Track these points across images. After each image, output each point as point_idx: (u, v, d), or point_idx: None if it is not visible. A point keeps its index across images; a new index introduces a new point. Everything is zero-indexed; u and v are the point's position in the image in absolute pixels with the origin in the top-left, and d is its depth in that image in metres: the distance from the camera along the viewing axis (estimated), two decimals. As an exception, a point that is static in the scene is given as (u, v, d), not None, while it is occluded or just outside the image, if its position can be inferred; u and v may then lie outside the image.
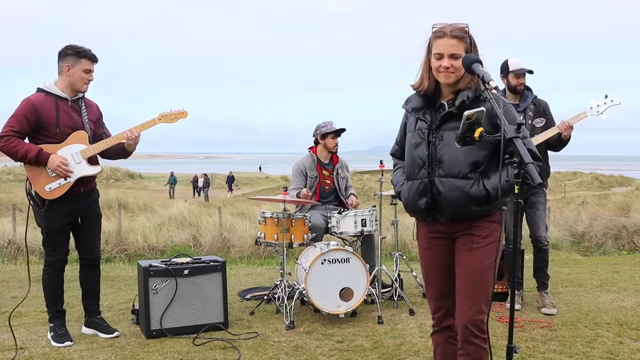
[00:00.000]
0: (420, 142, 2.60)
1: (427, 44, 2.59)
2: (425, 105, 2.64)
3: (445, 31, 2.51)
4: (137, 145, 4.09)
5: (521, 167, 2.17)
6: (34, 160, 3.80)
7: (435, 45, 2.53)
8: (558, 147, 4.71)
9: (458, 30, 2.51)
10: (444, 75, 2.52)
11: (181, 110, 4.19)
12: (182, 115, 4.19)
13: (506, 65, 4.74)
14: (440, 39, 2.52)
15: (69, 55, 3.90)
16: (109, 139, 4.05)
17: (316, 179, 5.41)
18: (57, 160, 3.83)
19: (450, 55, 2.49)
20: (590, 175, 45.96)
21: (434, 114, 2.60)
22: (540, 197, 4.79)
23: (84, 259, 4.16)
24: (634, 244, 10.48)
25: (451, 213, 2.53)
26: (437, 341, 2.78)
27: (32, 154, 3.78)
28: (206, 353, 3.80)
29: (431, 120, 2.59)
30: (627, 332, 4.15)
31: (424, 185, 2.57)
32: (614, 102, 4.56)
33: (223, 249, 10.21)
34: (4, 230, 9.85)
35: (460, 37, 2.50)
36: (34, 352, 3.81)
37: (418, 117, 2.64)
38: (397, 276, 5.09)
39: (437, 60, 2.52)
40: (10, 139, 3.78)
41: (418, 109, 2.65)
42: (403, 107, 2.75)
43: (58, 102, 3.90)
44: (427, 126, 2.59)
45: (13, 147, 3.78)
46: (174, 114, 4.17)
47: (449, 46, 2.49)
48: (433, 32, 2.56)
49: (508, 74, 4.71)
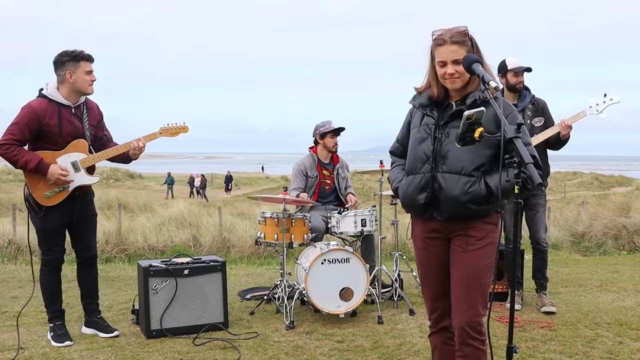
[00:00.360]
0: (426, 137, 2.60)
1: (430, 52, 2.61)
2: (432, 103, 2.65)
3: (444, 38, 2.51)
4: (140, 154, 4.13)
5: (521, 167, 2.17)
6: (34, 170, 3.81)
7: (437, 53, 2.54)
8: (557, 146, 4.71)
9: (457, 35, 2.51)
10: (450, 82, 2.53)
11: (182, 125, 4.22)
12: (183, 130, 4.23)
13: (504, 64, 4.74)
14: (441, 46, 2.53)
15: (67, 62, 3.87)
16: (109, 150, 4.05)
17: (316, 178, 5.41)
18: (56, 171, 3.83)
19: (453, 61, 2.50)
20: (590, 175, 45.96)
21: (441, 112, 2.61)
22: (540, 199, 4.79)
23: (80, 257, 4.16)
24: (634, 244, 10.48)
25: (449, 210, 2.53)
26: (435, 343, 2.78)
27: (32, 164, 3.78)
28: (206, 353, 3.80)
29: (438, 117, 2.60)
30: (627, 332, 4.15)
31: (425, 180, 2.56)
32: (613, 101, 4.56)
33: (223, 249, 10.21)
34: (4, 230, 9.85)
35: (461, 41, 2.51)
36: (34, 352, 3.81)
37: (425, 112, 2.65)
38: (397, 276, 5.09)
39: (441, 68, 2.54)
40: (11, 147, 3.78)
41: (425, 105, 2.66)
42: (410, 103, 2.75)
43: (61, 110, 3.88)
44: (434, 122, 2.60)
45: (13, 155, 3.79)
46: (174, 128, 4.20)
47: (451, 53, 2.49)
48: (433, 39, 2.57)
49: (507, 73, 4.72)
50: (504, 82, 4.77)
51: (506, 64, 4.73)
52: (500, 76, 4.79)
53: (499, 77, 4.79)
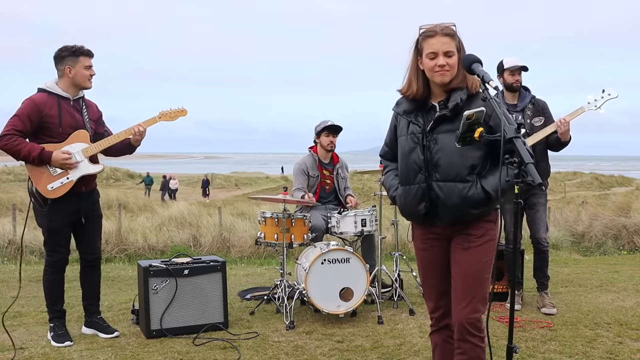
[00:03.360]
0: (414, 147, 2.57)
1: (415, 46, 2.57)
2: (416, 108, 2.61)
3: (436, 30, 2.50)
4: (142, 140, 4.13)
5: (521, 167, 2.16)
6: (37, 160, 3.81)
7: (427, 45, 2.50)
8: (557, 147, 4.70)
9: (448, 29, 2.50)
10: (440, 74, 2.49)
11: (181, 109, 4.23)
12: (182, 113, 4.23)
13: (502, 65, 4.77)
14: (431, 38, 2.49)
15: (66, 57, 3.91)
16: (110, 137, 4.07)
17: (317, 178, 5.41)
18: (60, 156, 3.84)
19: (445, 53, 2.48)
20: (590, 175, 45.96)
21: (425, 117, 2.58)
22: (540, 199, 4.79)
23: (84, 259, 4.15)
24: (634, 244, 10.48)
25: (450, 218, 2.53)
26: (436, 341, 2.78)
27: (34, 153, 3.79)
28: (206, 353, 3.80)
29: (424, 124, 2.57)
30: (627, 332, 4.15)
31: (422, 191, 2.55)
32: (611, 96, 4.56)
33: (223, 249, 10.21)
34: (4, 230, 9.85)
35: (452, 34, 2.50)
36: (34, 352, 3.81)
37: (410, 120, 2.61)
38: (397, 276, 5.09)
39: (431, 60, 2.49)
40: (13, 138, 3.79)
41: (409, 112, 2.62)
42: (393, 110, 2.72)
43: (60, 101, 3.92)
44: (420, 130, 2.56)
45: (15, 145, 3.79)
46: (174, 112, 4.20)
47: (442, 44, 2.47)
48: (421, 33, 2.54)
49: (504, 72, 4.74)
50: (502, 82, 4.78)
51: (503, 64, 4.75)
52: (498, 76, 4.81)
53: (497, 77, 4.82)
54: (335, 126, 5.41)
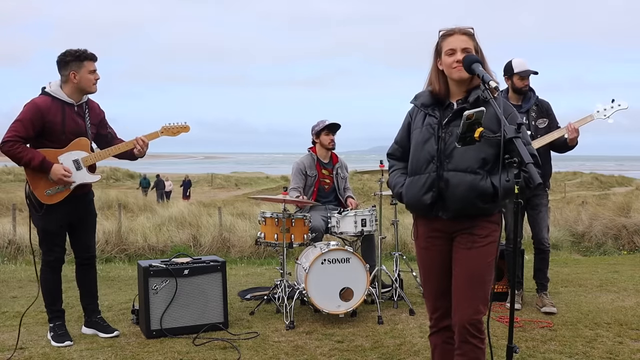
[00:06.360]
0: (429, 137, 2.61)
1: (435, 48, 2.64)
2: (434, 103, 2.67)
3: (454, 30, 2.59)
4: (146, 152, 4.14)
5: (521, 167, 2.17)
6: (37, 168, 3.82)
7: (446, 43, 2.58)
8: (563, 149, 4.69)
9: (466, 29, 2.60)
10: (457, 70, 2.54)
11: (183, 125, 4.23)
12: (184, 129, 4.23)
13: (510, 67, 4.70)
14: (450, 36, 2.58)
15: (71, 62, 3.89)
16: (111, 149, 4.07)
17: (315, 178, 5.41)
18: (59, 171, 3.84)
19: (463, 49, 2.54)
20: (590, 175, 45.95)
21: (442, 112, 2.63)
22: (542, 199, 4.79)
23: (79, 257, 4.17)
24: (634, 244, 10.47)
25: (456, 208, 2.53)
26: (435, 342, 2.78)
27: (35, 161, 3.79)
28: (206, 353, 3.80)
29: (440, 117, 2.61)
30: (627, 332, 4.15)
31: (431, 180, 2.57)
32: (621, 107, 4.56)
33: (223, 249, 10.21)
34: (4, 230, 9.84)
35: (470, 34, 2.59)
36: (34, 352, 3.81)
37: (427, 112, 2.66)
38: (397, 276, 5.09)
39: (450, 57, 2.56)
40: (15, 144, 3.79)
41: (427, 105, 2.68)
42: (412, 103, 2.76)
43: (65, 107, 3.90)
44: (436, 122, 2.61)
45: (17, 152, 3.80)
46: (176, 127, 4.21)
47: (461, 41, 2.56)
48: (441, 35, 2.62)
49: (513, 76, 4.69)
50: (510, 85, 4.74)
51: (512, 67, 4.68)
52: (506, 78, 4.75)
53: (505, 79, 4.76)
54: (334, 124, 5.43)
